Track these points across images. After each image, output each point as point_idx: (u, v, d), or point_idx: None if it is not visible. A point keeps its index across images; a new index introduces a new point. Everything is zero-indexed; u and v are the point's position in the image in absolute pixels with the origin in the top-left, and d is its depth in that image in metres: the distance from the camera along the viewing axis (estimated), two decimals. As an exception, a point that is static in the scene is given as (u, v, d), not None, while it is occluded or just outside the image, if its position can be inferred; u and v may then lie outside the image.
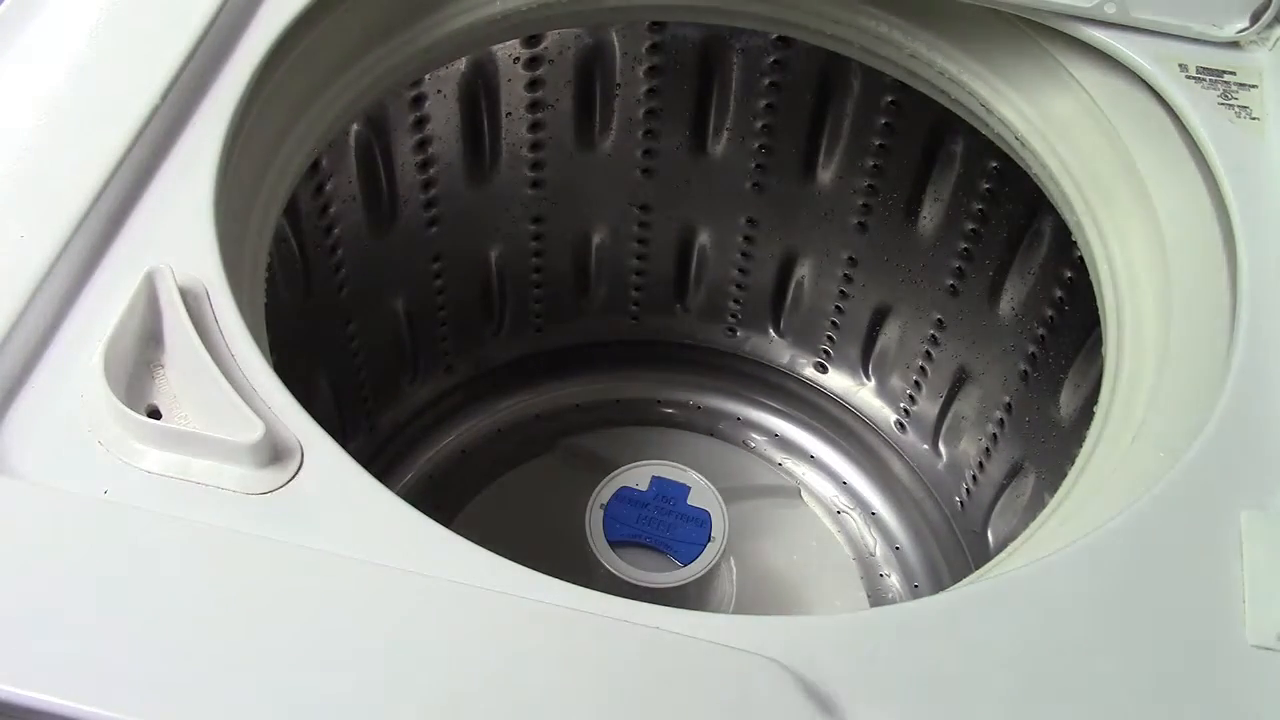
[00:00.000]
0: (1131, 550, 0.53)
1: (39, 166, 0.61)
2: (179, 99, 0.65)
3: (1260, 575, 0.52)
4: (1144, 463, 0.58)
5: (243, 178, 0.67)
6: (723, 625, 0.49)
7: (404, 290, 1.08)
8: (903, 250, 1.07)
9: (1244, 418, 0.57)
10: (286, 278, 0.88)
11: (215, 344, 0.55)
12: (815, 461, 1.21)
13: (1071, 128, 0.76)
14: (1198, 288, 0.65)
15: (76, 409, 0.53)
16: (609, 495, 0.95)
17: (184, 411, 0.55)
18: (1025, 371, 0.99)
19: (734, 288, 1.21)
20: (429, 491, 1.16)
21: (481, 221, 1.09)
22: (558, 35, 0.97)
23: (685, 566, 0.92)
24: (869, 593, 1.11)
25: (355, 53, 0.78)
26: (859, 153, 1.03)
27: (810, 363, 1.24)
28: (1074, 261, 0.88)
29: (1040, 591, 0.52)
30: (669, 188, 1.11)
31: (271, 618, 0.47)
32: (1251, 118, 0.70)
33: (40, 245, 0.57)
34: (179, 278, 0.56)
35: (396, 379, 1.15)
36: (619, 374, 1.26)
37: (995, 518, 1.06)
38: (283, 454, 0.52)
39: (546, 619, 0.48)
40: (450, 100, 0.97)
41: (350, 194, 0.94)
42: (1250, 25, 0.74)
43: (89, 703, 0.45)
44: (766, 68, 1.00)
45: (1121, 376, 0.65)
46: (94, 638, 0.46)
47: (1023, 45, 0.78)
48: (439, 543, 0.51)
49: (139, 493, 0.51)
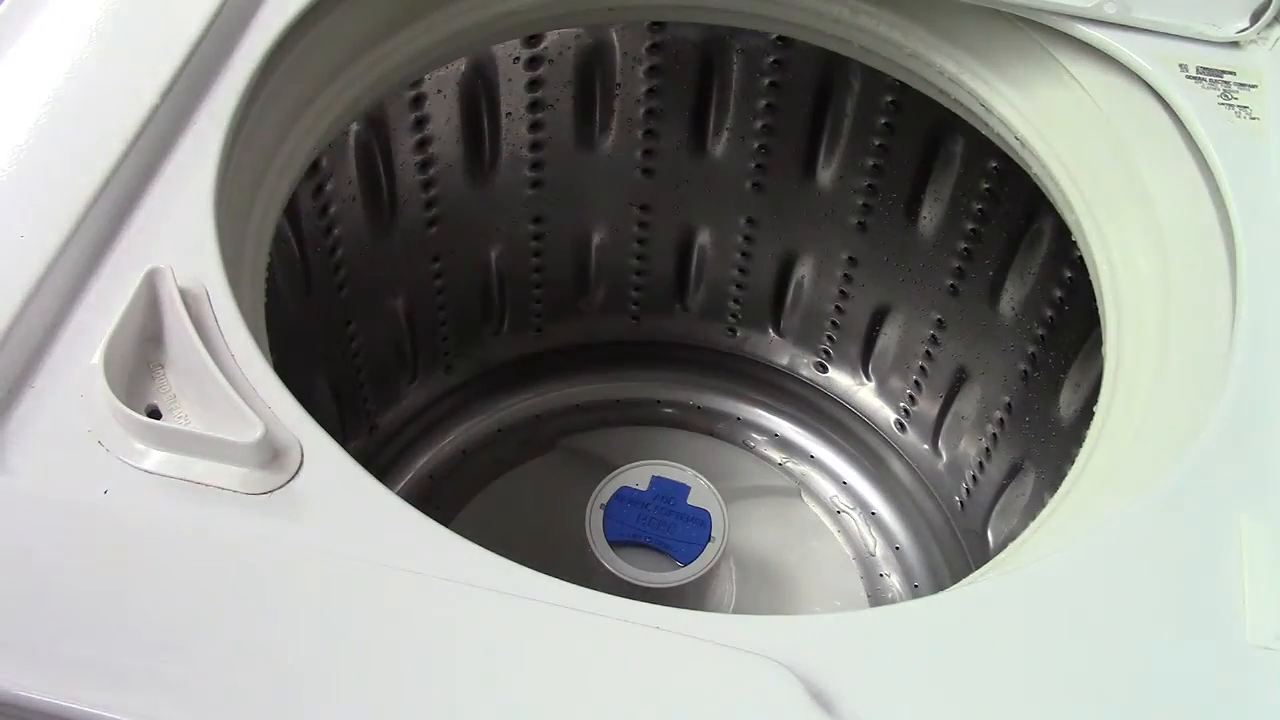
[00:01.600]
0: (1131, 550, 0.53)
1: (39, 167, 0.61)
2: (179, 99, 0.65)
3: (1260, 575, 0.52)
4: (1144, 463, 0.58)
5: (243, 178, 0.67)
6: (723, 625, 0.49)
7: (404, 290, 1.08)
8: (903, 250, 1.07)
9: (1244, 418, 0.57)
10: (286, 278, 0.88)
11: (215, 344, 0.55)
12: (815, 461, 1.21)
13: (1072, 128, 0.76)
14: (1198, 288, 0.65)
15: (76, 409, 0.53)
16: (609, 495, 0.95)
17: (184, 411, 0.55)
18: (1025, 371, 0.99)
19: (734, 288, 1.21)
20: (429, 491, 1.16)
21: (481, 221, 1.09)
22: (558, 35, 0.97)
23: (685, 566, 0.92)
24: (869, 593, 1.11)
25: (355, 53, 0.78)
26: (859, 153, 1.03)
27: (810, 363, 1.24)
28: (1074, 261, 0.88)
29: (1040, 592, 0.52)
30: (669, 188, 1.11)
31: (271, 617, 0.47)
32: (1251, 118, 0.70)
33: (40, 245, 0.57)
34: (179, 278, 0.56)
35: (396, 379, 1.15)
36: (619, 374, 1.26)
37: (995, 518, 1.06)
38: (282, 454, 0.52)
39: (546, 619, 0.48)
40: (450, 100, 0.97)
41: (350, 194, 0.94)
42: (1250, 25, 0.74)
43: (89, 703, 0.45)
44: (766, 68, 1.00)
45: (1121, 376, 0.65)
46: (94, 637, 0.46)
47: (1023, 45, 0.78)
48: (439, 543, 0.51)
49: (139, 493, 0.51)
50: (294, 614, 0.48)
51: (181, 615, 0.47)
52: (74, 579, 0.48)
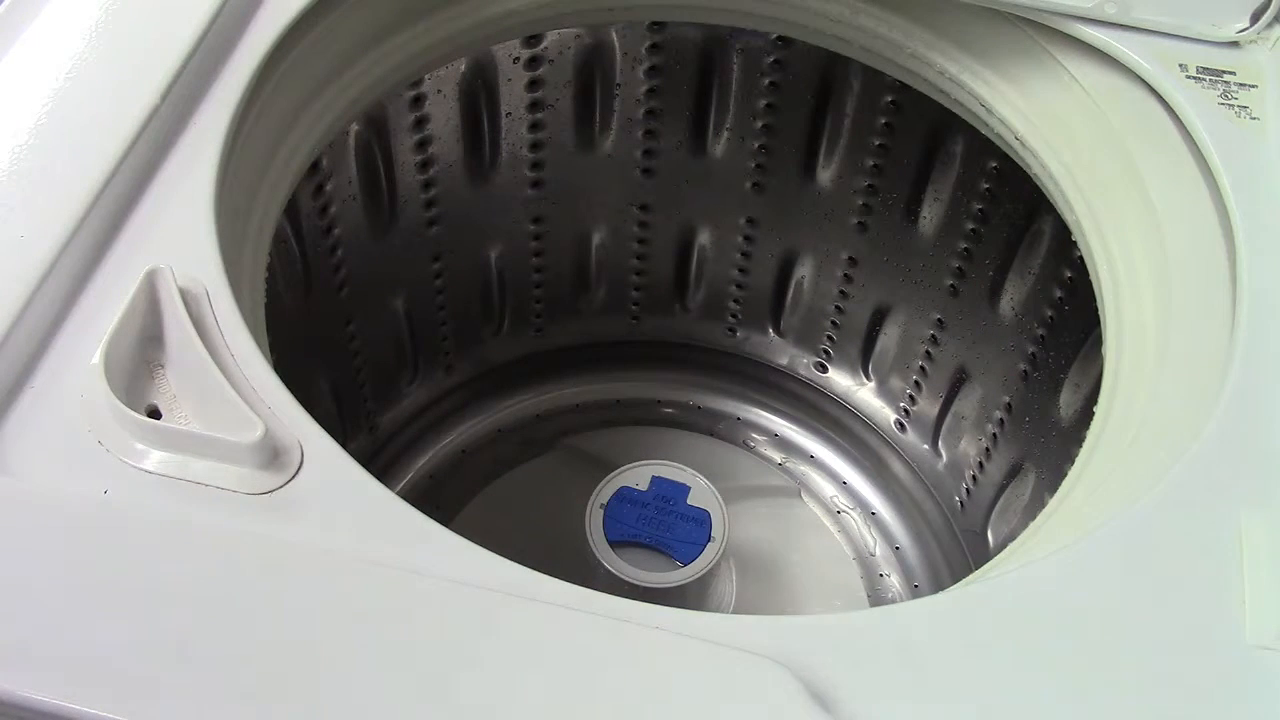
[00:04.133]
0: (1131, 550, 0.53)
1: (39, 166, 0.61)
2: (179, 99, 0.65)
3: (1260, 575, 0.52)
4: (1144, 463, 0.58)
5: (243, 178, 0.67)
6: (723, 625, 0.49)
7: (404, 290, 1.08)
8: (903, 250, 1.07)
9: (1244, 418, 0.57)
10: (286, 278, 0.88)
11: (215, 344, 0.55)
12: (815, 461, 1.21)
13: (1071, 128, 0.76)
14: (1198, 288, 0.65)
15: (76, 409, 0.53)
16: (609, 495, 0.95)
17: (184, 411, 0.55)
18: (1025, 371, 0.99)
19: (734, 288, 1.21)
20: (429, 491, 1.16)
21: (481, 221, 1.09)
22: (558, 35, 0.97)
23: (685, 566, 0.92)
24: (869, 593, 1.11)
25: (355, 53, 0.78)
26: (859, 153, 1.03)
27: (810, 363, 1.24)
28: (1074, 261, 0.88)
29: (1040, 592, 0.52)
30: (669, 188, 1.11)
31: (271, 617, 0.47)
32: (1251, 118, 0.70)
33: (40, 245, 0.57)
34: (179, 278, 0.56)
35: (396, 379, 1.15)
36: (619, 374, 1.26)
37: (995, 518, 1.06)
38: (283, 454, 0.52)
39: (546, 619, 0.48)
40: (450, 100, 0.97)
41: (350, 194, 0.94)
42: (1250, 25, 0.74)
43: (89, 703, 0.45)
44: (766, 68, 1.00)
45: (1121, 376, 0.65)
46: (94, 637, 0.46)
47: (1023, 45, 0.78)
48: (439, 543, 0.51)
49: (139, 493, 0.51)
50: (294, 614, 0.48)
51: (181, 615, 0.47)
52: (74, 579, 0.48)
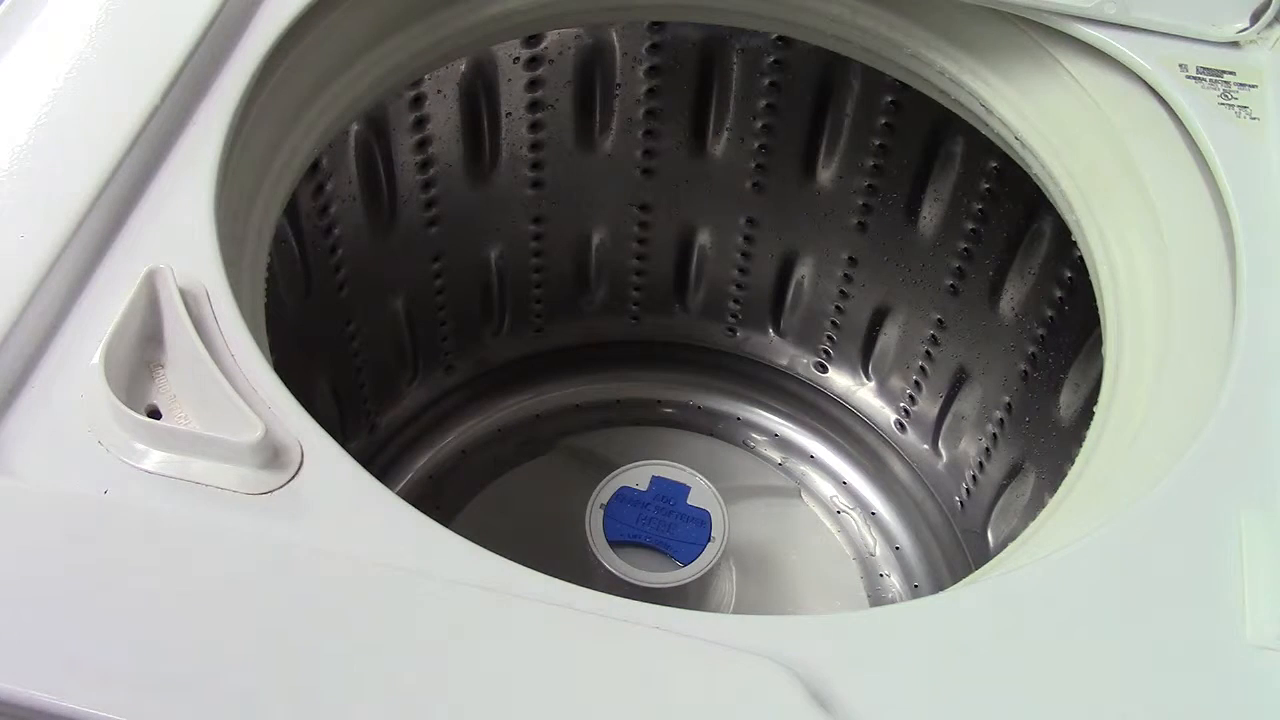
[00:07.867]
0: (1132, 550, 0.53)
1: (39, 166, 0.61)
2: (179, 99, 0.65)
3: (1260, 575, 0.52)
4: (1144, 463, 0.58)
5: (243, 178, 0.67)
6: (723, 625, 0.49)
7: (404, 290, 1.08)
8: (903, 250, 1.07)
9: (1244, 418, 0.57)
10: (286, 278, 0.88)
11: (215, 344, 0.55)
12: (815, 461, 1.21)
13: (1071, 128, 0.76)
14: (1198, 288, 0.65)
15: (76, 409, 0.53)
16: (609, 495, 0.95)
17: (184, 411, 0.55)
18: (1025, 371, 0.99)
19: (734, 288, 1.21)
20: (429, 491, 1.16)
21: (481, 221, 1.09)
22: (558, 35, 0.97)
23: (685, 566, 0.92)
24: (869, 593, 1.11)
25: (355, 53, 0.78)
26: (859, 153, 1.03)
27: (810, 363, 1.24)
28: (1074, 261, 0.88)
29: (1040, 591, 0.52)
30: (669, 188, 1.11)
31: (271, 618, 0.47)
32: (1251, 118, 0.70)
33: (40, 245, 0.57)
34: (179, 278, 0.56)
35: (396, 379, 1.15)
36: (619, 374, 1.26)
37: (995, 518, 1.06)
38: (283, 454, 0.52)
39: (546, 619, 0.48)
40: (450, 100, 0.97)
41: (350, 194, 0.94)
42: (1250, 25, 0.74)
43: (88, 703, 0.45)
44: (766, 68, 1.00)
45: (1121, 376, 0.65)
46: (94, 638, 0.46)
47: (1023, 45, 0.78)
48: (439, 543, 0.51)
49: (139, 493, 0.51)
50: (294, 614, 0.48)
51: (181, 615, 0.47)
52: (74, 579, 0.48)
